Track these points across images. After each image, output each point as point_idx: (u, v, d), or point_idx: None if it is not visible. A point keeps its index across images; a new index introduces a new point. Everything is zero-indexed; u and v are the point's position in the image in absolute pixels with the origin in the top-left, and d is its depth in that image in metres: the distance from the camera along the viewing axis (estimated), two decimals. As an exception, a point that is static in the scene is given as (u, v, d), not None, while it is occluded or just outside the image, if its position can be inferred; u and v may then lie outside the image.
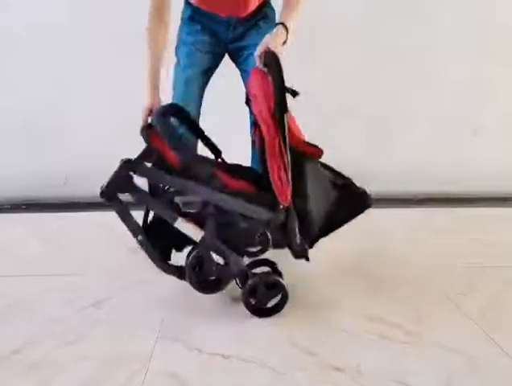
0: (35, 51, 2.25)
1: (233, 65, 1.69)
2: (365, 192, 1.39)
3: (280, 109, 1.20)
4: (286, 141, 1.20)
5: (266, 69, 1.29)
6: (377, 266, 1.66)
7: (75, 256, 1.71)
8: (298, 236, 1.28)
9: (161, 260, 1.31)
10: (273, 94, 1.20)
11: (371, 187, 2.39)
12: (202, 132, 1.51)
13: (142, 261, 1.49)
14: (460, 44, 2.36)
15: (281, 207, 1.25)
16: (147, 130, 1.34)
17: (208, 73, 1.68)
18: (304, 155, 1.29)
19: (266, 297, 1.32)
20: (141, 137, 1.46)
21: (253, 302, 1.32)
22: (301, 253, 1.31)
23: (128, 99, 1.77)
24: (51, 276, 1.56)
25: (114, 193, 1.24)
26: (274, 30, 1.34)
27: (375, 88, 2.37)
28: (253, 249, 1.60)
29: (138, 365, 1.12)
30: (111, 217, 1.28)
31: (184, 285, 1.32)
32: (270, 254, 1.50)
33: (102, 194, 1.23)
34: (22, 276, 1.57)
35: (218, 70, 1.68)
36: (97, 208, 2.06)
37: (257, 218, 1.27)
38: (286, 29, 1.35)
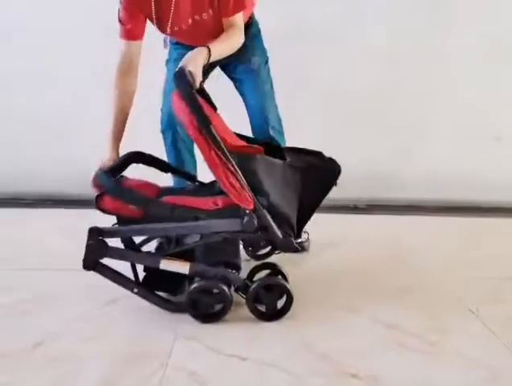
0: (55, 59, 2.29)
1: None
2: (330, 160, 1.37)
3: (203, 123, 1.18)
4: (222, 149, 1.20)
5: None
6: (394, 273, 1.64)
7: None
8: (277, 230, 1.27)
9: (164, 301, 1.35)
10: (195, 117, 1.18)
11: (391, 194, 2.41)
12: (169, 165, 1.57)
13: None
14: (479, 50, 2.31)
15: (247, 211, 1.24)
16: (99, 197, 1.32)
17: None
18: (246, 155, 1.28)
19: (271, 301, 1.32)
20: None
21: (263, 309, 1.32)
22: (288, 246, 1.30)
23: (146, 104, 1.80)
24: (74, 271, 1.57)
25: (95, 262, 1.29)
26: (196, 49, 1.30)
27: (397, 94, 2.35)
28: (261, 252, 1.61)
29: (156, 363, 1.13)
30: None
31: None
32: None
33: (85, 267, 1.29)
34: (46, 270, 1.61)
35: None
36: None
37: (231, 230, 1.27)
38: (210, 53, 1.30)
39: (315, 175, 1.36)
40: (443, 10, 2.28)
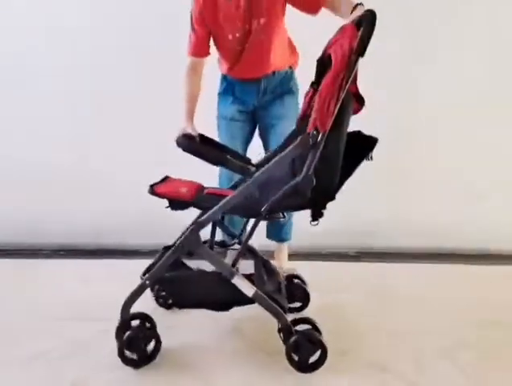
0: (65, 112, 2.54)
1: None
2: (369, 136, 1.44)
3: (360, 51, 1.26)
4: (348, 80, 1.27)
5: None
6: (381, 318, 1.81)
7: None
8: (312, 165, 1.30)
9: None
10: (359, 41, 1.26)
11: (381, 242, 2.57)
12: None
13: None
14: (464, 107, 2.51)
15: (314, 132, 1.29)
16: (152, 188, 1.49)
17: (248, 138, 2.04)
18: (350, 100, 1.36)
19: (307, 353, 1.42)
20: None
21: (296, 358, 1.43)
22: (306, 184, 1.31)
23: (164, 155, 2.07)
24: (96, 320, 1.74)
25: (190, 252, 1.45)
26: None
27: (392, 151, 2.46)
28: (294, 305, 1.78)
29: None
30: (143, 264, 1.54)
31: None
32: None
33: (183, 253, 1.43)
34: (71, 319, 1.76)
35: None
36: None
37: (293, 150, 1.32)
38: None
39: (353, 144, 1.39)
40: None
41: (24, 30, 2.47)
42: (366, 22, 1.28)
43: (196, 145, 1.44)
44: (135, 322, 1.53)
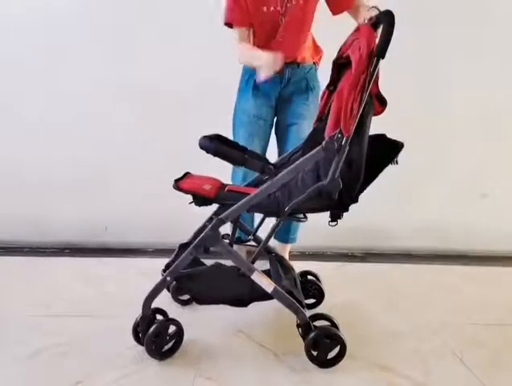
0: (81, 110, 2.51)
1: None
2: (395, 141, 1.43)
3: (380, 53, 1.25)
4: (371, 81, 1.26)
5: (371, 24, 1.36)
6: (387, 319, 1.81)
7: (118, 299, 1.87)
8: (338, 170, 1.31)
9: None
10: (379, 42, 1.25)
11: (386, 243, 2.57)
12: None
13: (174, 305, 1.76)
14: (471, 111, 2.53)
15: (338, 136, 1.28)
16: (176, 183, 1.48)
17: (268, 137, 2.00)
18: (372, 105, 1.35)
19: (326, 349, 1.43)
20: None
21: (315, 354, 1.44)
22: (334, 187, 1.32)
23: (168, 156, 2.09)
24: (98, 317, 1.75)
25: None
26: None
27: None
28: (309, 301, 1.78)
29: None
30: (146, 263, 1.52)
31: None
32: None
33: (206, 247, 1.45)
34: (74, 316, 1.76)
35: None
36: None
37: (317, 153, 1.32)
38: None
39: (378, 148, 1.39)
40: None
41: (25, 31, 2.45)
42: (385, 23, 1.28)
43: (217, 146, 1.42)
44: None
